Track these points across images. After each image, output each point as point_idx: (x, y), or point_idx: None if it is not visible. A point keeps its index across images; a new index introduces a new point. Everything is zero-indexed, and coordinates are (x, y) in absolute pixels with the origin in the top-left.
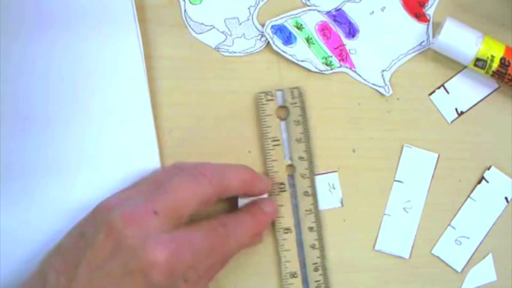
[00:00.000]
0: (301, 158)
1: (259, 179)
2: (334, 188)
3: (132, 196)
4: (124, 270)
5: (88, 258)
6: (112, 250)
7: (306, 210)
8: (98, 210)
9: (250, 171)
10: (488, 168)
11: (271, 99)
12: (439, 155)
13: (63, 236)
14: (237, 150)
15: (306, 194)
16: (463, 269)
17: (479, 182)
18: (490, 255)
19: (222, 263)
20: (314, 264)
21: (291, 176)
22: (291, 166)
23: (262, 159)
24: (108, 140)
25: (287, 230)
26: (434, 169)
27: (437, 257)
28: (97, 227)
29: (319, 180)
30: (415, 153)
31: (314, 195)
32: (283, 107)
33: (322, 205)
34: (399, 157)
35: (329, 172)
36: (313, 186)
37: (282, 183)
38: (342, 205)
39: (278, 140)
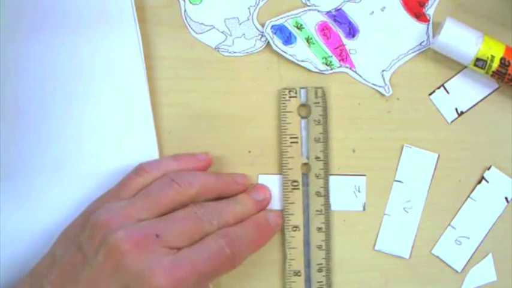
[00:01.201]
0: (317, 158)
1: (259, 204)
2: (359, 192)
3: (131, 215)
4: None
5: (87, 278)
6: (112, 272)
7: (317, 211)
8: (96, 226)
9: (251, 207)
10: (488, 168)
11: (295, 96)
12: (439, 155)
13: (55, 242)
14: (237, 150)
15: (318, 194)
16: (463, 269)
17: (479, 182)
18: (490, 255)
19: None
20: (318, 264)
21: (305, 175)
22: (306, 165)
23: (261, 160)
24: (108, 140)
25: (295, 227)
26: (434, 169)
27: (437, 257)
28: (96, 245)
29: (344, 181)
30: (415, 153)
31: (326, 196)
32: (305, 105)
33: (342, 206)
34: (399, 157)
35: (357, 175)
36: (326, 187)
37: (295, 181)
38: (364, 209)
39: (296, 138)
